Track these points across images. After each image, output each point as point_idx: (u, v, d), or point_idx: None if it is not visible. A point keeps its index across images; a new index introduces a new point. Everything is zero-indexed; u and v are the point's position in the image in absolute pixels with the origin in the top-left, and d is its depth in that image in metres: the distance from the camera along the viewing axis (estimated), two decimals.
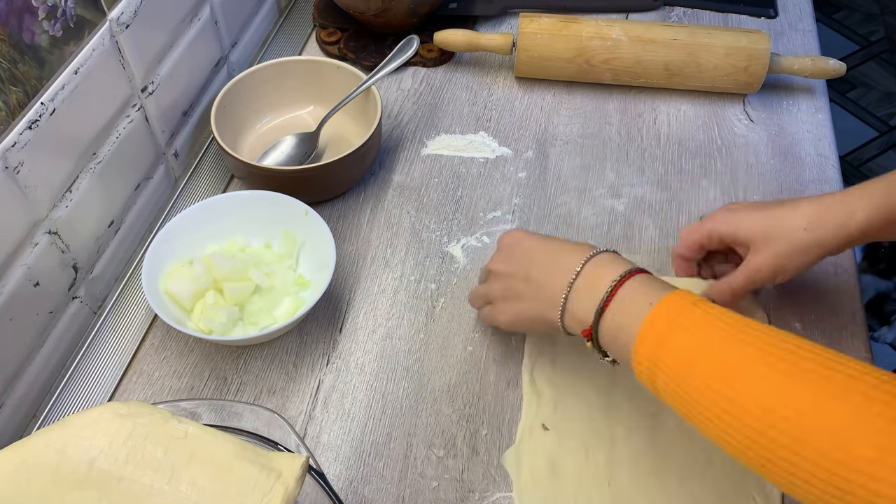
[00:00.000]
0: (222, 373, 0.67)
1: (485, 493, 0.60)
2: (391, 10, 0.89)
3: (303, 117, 0.86)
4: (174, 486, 0.44)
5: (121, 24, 0.66)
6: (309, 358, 0.68)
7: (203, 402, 0.52)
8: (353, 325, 0.70)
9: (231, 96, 0.80)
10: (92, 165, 0.66)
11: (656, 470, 0.61)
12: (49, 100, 0.59)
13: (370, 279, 0.74)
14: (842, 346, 0.69)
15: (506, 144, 0.86)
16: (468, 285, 0.73)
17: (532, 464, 0.61)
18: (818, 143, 0.86)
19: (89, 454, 0.44)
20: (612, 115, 0.89)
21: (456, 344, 0.69)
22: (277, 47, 0.97)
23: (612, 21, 0.88)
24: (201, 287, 0.67)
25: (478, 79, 0.93)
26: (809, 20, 1.01)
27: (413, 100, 0.91)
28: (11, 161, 0.56)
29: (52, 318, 0.65)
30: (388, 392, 0.66)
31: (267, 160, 0.80)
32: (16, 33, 0.55)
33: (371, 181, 0.82)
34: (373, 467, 0.62)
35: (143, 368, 0.67)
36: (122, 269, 0.74)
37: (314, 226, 0.70)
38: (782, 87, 0.92)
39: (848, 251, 0.75)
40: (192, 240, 0.70)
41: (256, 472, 0.45)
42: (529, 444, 0.62)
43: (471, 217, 0.79)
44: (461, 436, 0.64)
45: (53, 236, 0.62)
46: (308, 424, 0.64)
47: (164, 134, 0.77)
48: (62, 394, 0.66)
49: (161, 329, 0.70)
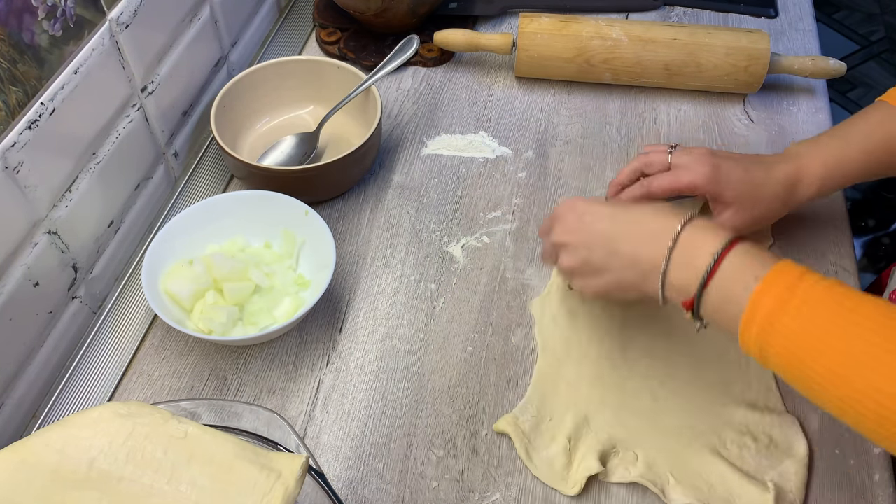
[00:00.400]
0: (222, 373, 0.67)
1: (485, 493, 0.60)
2: (391, 10, 0.89)
3: (303, 117, 0.86)
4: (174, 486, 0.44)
5: (120, 24, 0.66)
6: (309, 358, 0.68)
7: (203, 402, 0.52)
8: (353, 325, 0.70)
9: (231, 96, 0.80)
10: (92, 165, 0.66)
11: (667, 332, 0.68)
12: (49, 100, 0.59)
13: (370, 279, 0.74)
14: None
15: (506, 144, 0.86)
16: (468, 285, 0.73)
17: (554, 311, 0.70)
18: None
19: (89, 454, 0.44)
20: (613, 115, 0.89)
21: (456, 344, 0.69)
22: (277, 47, 0.97)
23: (612, 21, 0.88)
24: (201, 287, 0.67)
25: (478, 79, 0.93)
26: (809, 20, 1.01)
27: (413, 100, 0.91)
28: (11, 161, 0.56)
29: (52, 318, 0.65)
30: (388, 392, 0.66)
31: (267, 160, 0.80)
32: (16, 33, 0.55)
33: (371, 181, 0.82)
34: (373, 467, 0.62)
35: (143, 368, 0.67)
36: (122, 269, 0.74)
37: (314, 226, 0.70)
38: (782, 87, 0.92)
39: (848, 250, 0.75)
40: (192, 240, 0.70)
41: (256, 472, 0.45)
42: (555, 297, 0.71)
43: (471, 217, 0.79)
44: (461, 436, 0.63)
45: (53, 236, 0.62)
46: (308, 424, 0.64)
47: (163, 134, 0.77)
48: (62, 394, 0.66)
49: (161, 329, 0.70)
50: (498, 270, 0.74)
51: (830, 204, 0.79)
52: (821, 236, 0.77)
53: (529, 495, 0.61)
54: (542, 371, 0.67)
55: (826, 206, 0.79)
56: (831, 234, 0.77)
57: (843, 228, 0.77)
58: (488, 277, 0.74)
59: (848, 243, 0.76)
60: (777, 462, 0.61)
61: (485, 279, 0.74)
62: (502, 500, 0.60)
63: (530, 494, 0.61)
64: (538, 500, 0.60)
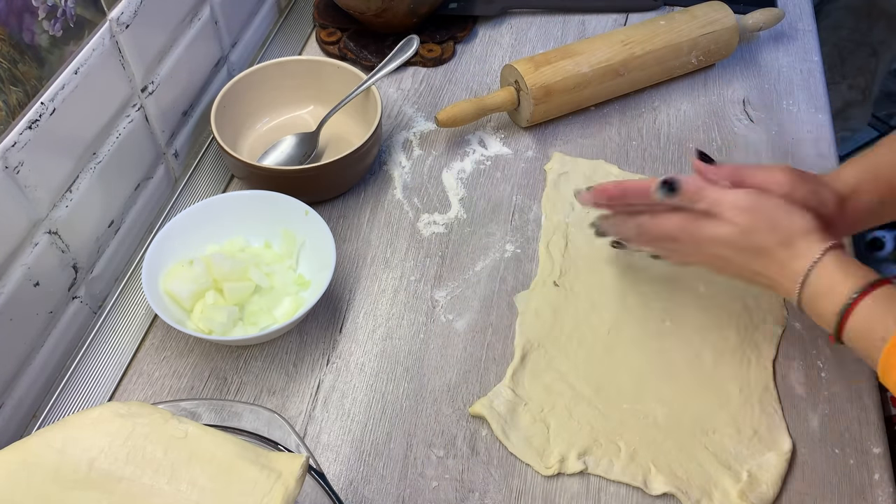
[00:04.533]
0: (222, 373, 0.67)
1: (485, 493, 0.60)
2: (391, 10, 0.89)
3: (303, 117, 0.86)
4: (174, 486, 0.44)
5: (121, 24, 0.66)
6: (309, 358, 0.68)
7: (203, 402, 0.52)
8: (353, 325, 0.70)
9: (231, 96, 0.80)
10: (92, 165, 0.66)
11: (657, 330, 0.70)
12: (49, 100, 0.59)
13: (370, 279, 0.74)
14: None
15: (506, 144, 0.86)
16: (468, 285, 0.73)
17: (538, 306, 0.71)
18: (818, 143, 0.86)
19: (89, 454, 0.44)
20: (612, 115, 0.89)
21: (456, 344, 0.69)
22: (277, 47, 0.97)
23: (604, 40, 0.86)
24: (201, 287, 0.67)
25: (478, 79, 0.93)
26: (809, 20, 1.01)
27: (413, 100, 0.91)
28: (11, 161, 0.56)
29: (52, 318, 0.65)
30: (388, 392, 0.66)
31: (267, 160, 0.80)
32: (16, 33, 0.55)
33: (371, 181, 0.82)
34: (373, 467, 0.62)
35: (143, 368, 0.67)
36: (122, 269, 0.74)
37: (314, 226, 0.70)
38: (782, 87, 0.92)
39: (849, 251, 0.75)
40: (192, 240, 0.70)
41: (256, 472, 0.45)
42: (540, 292, 0.72)
43: (471, 216, 0.79)
44: (461, 436, 0.64)
45: (53, 236, 0.62)
46: (308, 424, 0.64)
47: (164, 134, 0.77)
48: (62, 394, 0.66)
49: (161, 329, 0.70)
50: (498, 270, 0.74)
51: None
52: None
53: (529, 495, 0.61)
54: (519, 360, 0.67)
55: None
56: None
57: None
58: (489, 277, 0.74)
59: (848, 243, 0.76)
60: (758, 454, 0.62)
61: (485, 279, 0.74)
62: (502, 499, 0.60)
63: (530, 494, 0.61)
64: (538, 500, 0.60)
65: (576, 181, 0.81)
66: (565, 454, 0.62)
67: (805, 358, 0.68)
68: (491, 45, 0.98)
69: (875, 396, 0.66)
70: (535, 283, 0.73)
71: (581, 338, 0.69)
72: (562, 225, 0.77)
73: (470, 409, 0.64)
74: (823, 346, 0.69)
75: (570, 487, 0.61)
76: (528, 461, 0.62)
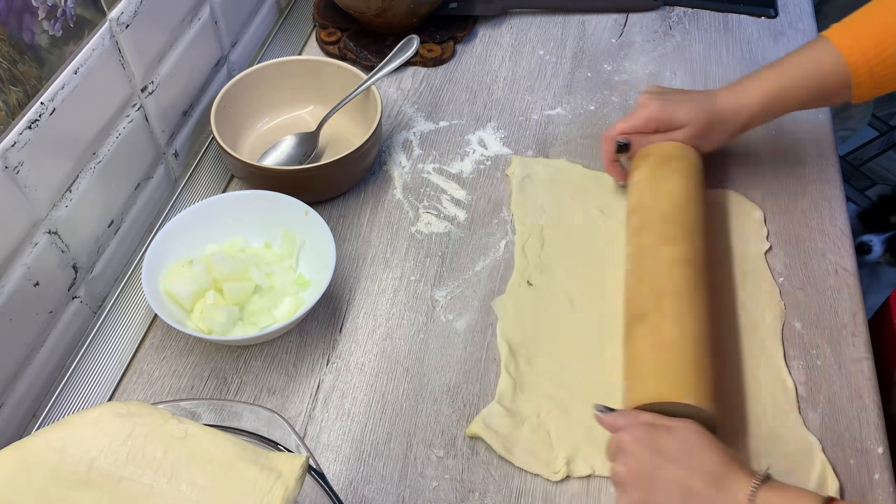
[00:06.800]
0: (222, 373, 0.67)
1: (485, 493, 0.60)
2: (391, 10, 0.89)
3: (303, 117, 0.86)
4: (174, 486, 0.44)
5: (121, 24, 0.66)
6: (309, 358, 0.68)
7: (203, 402, 0.52)
8: (353, 325, 0.70)
9: (231, 96, 0.80)
10: (92, 165, 0.66)
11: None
12: (49, 100, 0.59)
13: (370, 279, 0.74)
14: (842, 345, 0.69)
15: (506, 144, 0.86)
16: (468, 285, 0.73)
17: (516, 307, 0.71)
18: (818, 143, 0.86)
19: (89, 454, 0.44)
20: (612, 115, 0.89)
21: (456, 344, 0.69)
22: (277, 47, 0.97)
23: None
24: (201, 287, 0.67)
25: (478, 79, 0.93)
26: (809, 20, 1.01)
27: (413, 100, 0.91)
28: (11, 161, 0.56)
29: (52, 318, 0.65)
30: (388, 392, 0.66)
31: (267, 160, 0.80)
32: (16, 33, 0.55)
33: (371, 181, 0.82)
34: (373, 467, 0.62)
35: (143, 368, 0.67)
36: (122, 269, 0.74)
37: (314, 226, 0.70)
38: None
39: (849, 250, 0.75)
40: (192, 240, 0.70)
41: (256, 472, 0.45)
42: (515, 294, 0.72)
43: (472, 216, 0.79)
44: (461, 436, 0.63)
45: (53, 236, 0.62)
46: (308, 424, 0.64)
47: (163, 134, 0.77)
48: (62, 394, 0.66)
49: (161, 329, 0.70)
50: (498, 270, 0.74)
51: (831, 204, 0.79)
52: (821, 236, 0.77)
53: (529, 495, 0.61)
54: (508, 370, 0.66)
55: (827, 206, 0.79)
56: (831, 234, 0.77)
57: (844, 228, 0.77)
58: (489, 277, 0.74)
59: (848, 243, 0.76)
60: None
61: (485, 279, 0.74)
62: (502, 499, 0.60)
63: (530, 494, 0.61)
64: (538, 500, 0.60)
65: (542, 184, 0.80)
66: (571, 456, 0.61)
67: (805, 358, 0.68)
68: (491, 45, 0.98)
69: (875, 396, 0.66)
70: (511, 286, 0.73)
71: (565, 337, 0.69)
72: (536, 227, 0.77)
73: (467, 431, 0.63)
74: (823, 345, 0.69)
75: (570, 487, 0.61)
76: (535, 472, 0.61)
